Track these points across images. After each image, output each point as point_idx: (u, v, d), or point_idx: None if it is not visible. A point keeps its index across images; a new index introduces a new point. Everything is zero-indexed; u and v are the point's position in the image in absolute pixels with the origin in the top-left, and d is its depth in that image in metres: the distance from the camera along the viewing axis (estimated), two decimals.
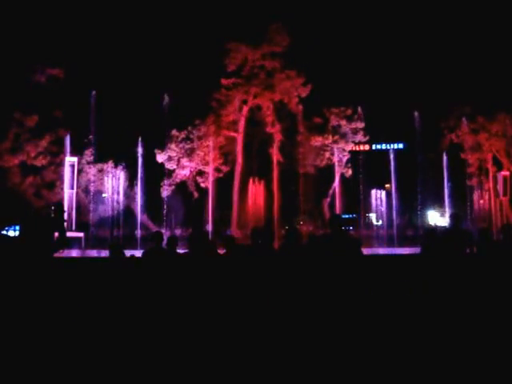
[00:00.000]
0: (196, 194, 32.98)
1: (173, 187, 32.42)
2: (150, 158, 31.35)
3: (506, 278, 7.27)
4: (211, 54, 31.72)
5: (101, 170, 30.76)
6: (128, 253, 8.92)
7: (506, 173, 32.28)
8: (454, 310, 6.76)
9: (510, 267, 7.48)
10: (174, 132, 31.94)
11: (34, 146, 29.29)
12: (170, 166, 31.97)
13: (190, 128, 32.14)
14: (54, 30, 29.58)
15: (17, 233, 4.77)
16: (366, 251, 7.23)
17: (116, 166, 31.03)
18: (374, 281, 7.00)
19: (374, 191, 35.02)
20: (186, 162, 31.83)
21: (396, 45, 38.43)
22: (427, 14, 38.88)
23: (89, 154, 30.56)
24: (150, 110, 30.65)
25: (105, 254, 11.51)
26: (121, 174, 31.20)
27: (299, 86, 32.64)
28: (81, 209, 29.08)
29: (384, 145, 44.15)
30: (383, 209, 33.45)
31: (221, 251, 7.00)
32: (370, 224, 36.45)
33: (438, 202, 36.24)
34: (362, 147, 38.08)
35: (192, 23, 35.12)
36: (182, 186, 32.90)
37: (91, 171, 30.44)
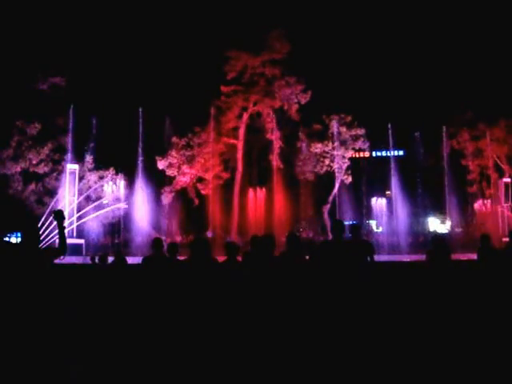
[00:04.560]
0: (196, 201, 33.01)
1: (173, 194, 32.46)
2: (150, 164, 31.45)
3: (506, 284, 7.27)
4: (211, 61, 31.94)
5: (102, 177, 30.84)
6: (128, 259, 8.95)
7: (507, 179, 32.18)
8: (455, 315, 6.76)
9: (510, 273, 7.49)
10: (175, 139, 32.06)
11: (35, 153, 29.47)
12: (170, 172, 32.06)
13: (190, 135, 32.26)
14: (56, 39, 29.82)
15: (19, 239, 4.82)
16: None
17: (117, 173, 31.10)
18: (378, 288, 7.00)
19: (374, 198, 35.02)
20: (186, 168, 31.92)
21: (396, 52, 38.68)
22: (428, 21, 39.16)
23: (90, 161, 30.66)
24: (150, 117, 30.76)
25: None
26: (121, 181, 31.25)
27: (299, 92, 32.81)
28: (81, 216, 29.08)
29: (384, 151, 44.16)
30: (383, 215, 33.40)
31: (221, 258, 7.00)
32: (370, 231, 36.38)
33: (439, 209, 36.23)
34: (362, 154, 38.12)
35: (192, 31, 35.41)
36: (182, 193, 32.95)
37: (92, 178, 30.52)
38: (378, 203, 34.58)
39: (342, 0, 39.77)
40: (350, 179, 33.36)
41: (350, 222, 32.12)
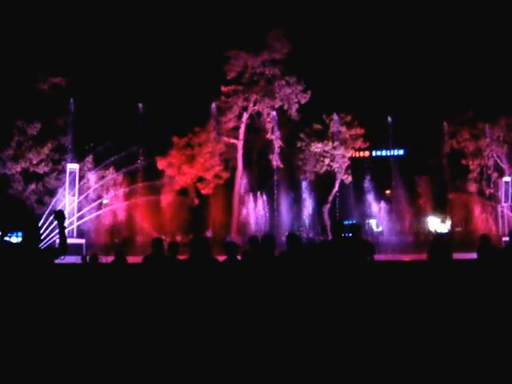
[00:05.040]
0: (196, 201, 33.03)
1: (173, 194, 32.47)
2: (150, 164, 31.46)
3: (506, 283, 7.27)
4: (211, 61, 31.93)
5: (102, 177, 30.86)
6: (129, 259, 8.95)
7: (507, 179, 32.15)
8: (456, 315, 6.76)
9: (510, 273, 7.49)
10: (175, 139, 32.06)
11: (36, 153, 29.51)
12: (170, 172, 32.05)
13: (190, 135, 32.27)
14: (56, 39, 29.84)
15: (19, 239, 4.83)
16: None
17: (117, 173, 31.12)
18: (378, 287, 6.99)
19: (374, 198, 34.98)
20: (186, 168, 31.91)
21: (396, 51, 38.65)
22: (428, 20, 39.15)
23: (90, 161, 30.69)
24: (150, 117, 30.77)
25: (105, 260, 11.53)
26: (121, 181, 31.26)
27: (299, 92, 32.83)
28: (81, 216, 29.12)
29: (384, 151, 44.15)
30: (383, 215, 33.39)
31: (221, 257, 7.01)
32: (370, 230, 36.37)
33: (439, 208, 36.22)
34: (362, 153, 38.12)
35: (192, 30, 35.38)
36: (182, 193, 32.96)
37: (92, 178, 30.55)
38: (378, 203, 34.55)
39: (341, 0, 39.77)
40: (350, 179, 33.39)
41: (350, 222, 32.15)
